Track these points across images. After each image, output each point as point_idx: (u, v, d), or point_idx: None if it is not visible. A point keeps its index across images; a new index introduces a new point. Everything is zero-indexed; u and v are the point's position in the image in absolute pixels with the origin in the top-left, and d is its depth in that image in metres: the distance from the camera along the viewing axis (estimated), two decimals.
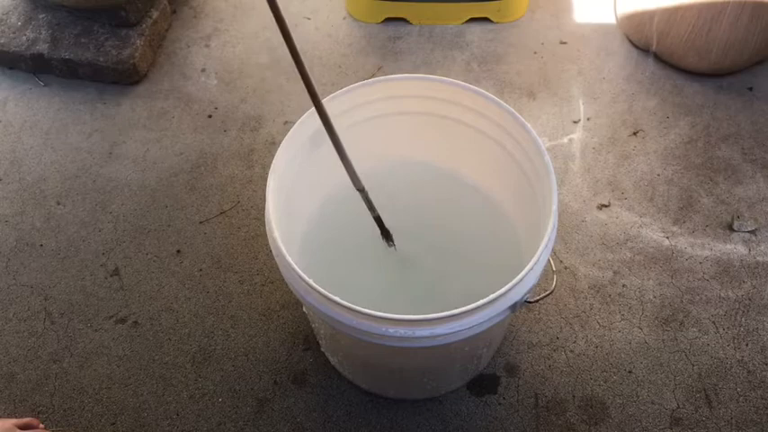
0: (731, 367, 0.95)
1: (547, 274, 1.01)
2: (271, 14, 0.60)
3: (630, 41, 1.37)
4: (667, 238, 1.08)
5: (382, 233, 0.87)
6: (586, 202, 1.13)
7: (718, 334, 0.98)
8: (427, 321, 0.65)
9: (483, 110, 0.85)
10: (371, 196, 0.81)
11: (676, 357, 0.96)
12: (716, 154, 1.19)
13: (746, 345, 0.97)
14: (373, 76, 1.33)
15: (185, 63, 1.36)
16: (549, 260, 0.75)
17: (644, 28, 1.30)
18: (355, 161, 0.76)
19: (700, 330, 0.99)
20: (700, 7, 1.19)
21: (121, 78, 1.30)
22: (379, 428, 0.91)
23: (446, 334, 0.66)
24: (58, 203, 1.15)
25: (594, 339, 0.98)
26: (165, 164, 1.20)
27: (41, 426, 0.92)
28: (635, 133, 1.22)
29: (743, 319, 1.00)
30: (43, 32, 1.31)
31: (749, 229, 1.09)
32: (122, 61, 1.28)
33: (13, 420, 0.88)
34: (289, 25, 0.61)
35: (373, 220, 0.85)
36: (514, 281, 0.67)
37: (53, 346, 0.99)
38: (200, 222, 1.12)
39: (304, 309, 0.87)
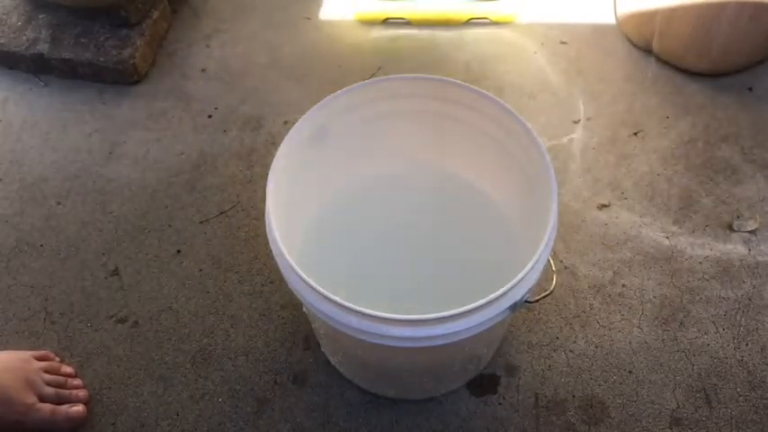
0: (731, 367, 0.95)
1: (547, 274, 1.00)
2: (271, 14, 0.60)
3: (630, 41, 1.37)
4: (667, 238, 1.08)
5: None
6: (586, 202, 1.13)
7: (718, 334, 0.98)
8: (427, 321, 0.65)
9: (483, 110, 0.85)
10: (371, 196, 0.81)
11: (676, 357, 0.96)
12: (716, 154, 1.19)
13: (746, 345, 0.97)
14: (373, 76, 1.33)
15: (185, 63, 1.36)
16: (548, 260, 0.75)
17: (644, 28, 1.30)
18: (355, 161, 0.76)
19: (700, 330, 0.99)
20: (700, 7, 1.19)
21: (121, 78, 1.30)
22: (379, 428, 0.91)
23: (446, 334, 0.66)
24: (58, 203, 1.15)
25: (594, 339, 0.98)
26: (165, 164, 1.20)
27: (57, 359, 0.96)
28: (635, 133, 1.22)
29: (743, 319, 1.00)
30: (43, 32, 1.31)
31: (749, 229, 1.09)
32: (122, 61, 1.28)
33: (31, 352, 0.93)
34: (288, 25, 0.61)
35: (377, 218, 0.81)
36: (514, 281, 0.67)
37: (53, 346, 0.99)
38: (200, 222, 1.12)
39: (304, 309, 0.87)
